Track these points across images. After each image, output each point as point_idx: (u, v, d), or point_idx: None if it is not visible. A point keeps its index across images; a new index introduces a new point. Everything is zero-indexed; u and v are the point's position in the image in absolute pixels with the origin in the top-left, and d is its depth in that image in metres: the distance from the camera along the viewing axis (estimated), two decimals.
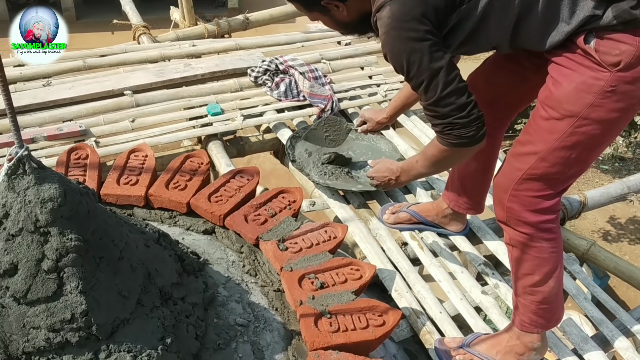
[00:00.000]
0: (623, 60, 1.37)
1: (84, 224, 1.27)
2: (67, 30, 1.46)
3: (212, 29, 3.75)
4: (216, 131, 2.73)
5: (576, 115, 1.44)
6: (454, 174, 2.09)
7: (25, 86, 2.92)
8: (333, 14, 1.58)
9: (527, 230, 1.62)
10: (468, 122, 1.54)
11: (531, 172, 1.55)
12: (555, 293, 1.72)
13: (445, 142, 1.60)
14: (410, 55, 1.46)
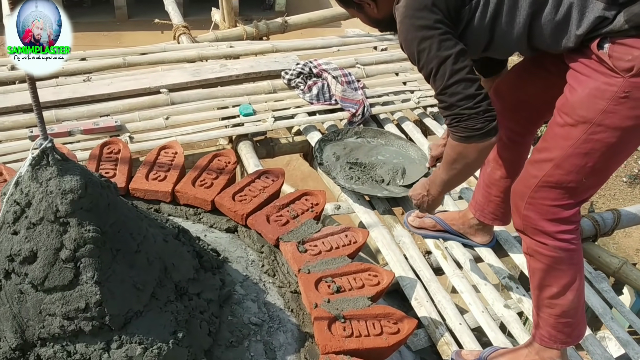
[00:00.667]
0: (636, 65, 1.35)
1: (103, 216, 1.30)
2: (119, 27, 1.36)
3: (251, 31, 3.79)
4: (247, 131, 2.76)
5: (589, 122, 1.43)
6: (480, 183, 2.06)
7: (67, 80, 3.01)
8: (366, 11, 1.62)
9: (545, 239, 1.59)
10: (475, 114, 1.50)
11: (547, 180, 1.53)
12: (575, 307, 1.67)
13: (455, 136, 1.56)
14: (421, 42, 1.48)
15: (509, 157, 1.91)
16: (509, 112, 1.79)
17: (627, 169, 13.44)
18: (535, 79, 1.75)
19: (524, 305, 2.08)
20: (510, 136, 1.87)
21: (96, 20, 17.10)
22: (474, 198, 2.11)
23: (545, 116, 1.82)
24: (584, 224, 2.48)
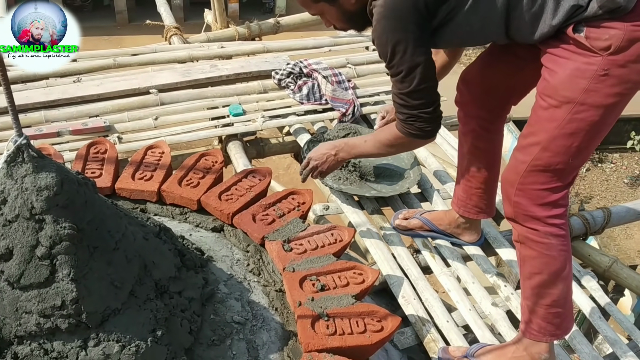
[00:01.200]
0: (613, 44, 1.39)
1: (80, 214, 1.29)
2: (120, 32, 1.34)
3: (243, 31, 3.79)
4: (236, 131, 2.76)
5: (573, 101, 1.46)
6: (459, 178, 2.06)
7: (57, 82, 3.00)
8: (341, 3, 1.61)
9: (535, 225, 1.61)
10: (431, 119, 1.67)
11: (535, 163, 1.56)
12: (564, 297, 1.69)
13: (405, 130, 1.70)
14: (396, 45, 1.54)
15: (484, 147, 1.94)
16: (478, 100, 1.85)
17: (627, 170, 13.50)
18: (503, 65, 1.78)
19: (511, 304, 2.07)
20: (482, 124, 1.89)
21: (97, 24, 17.19)
22: (455, 195, 2.11)
23: (514, 100, 1.88)
24: (574, 223, 2.48)
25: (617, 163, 13.85)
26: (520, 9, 1.49)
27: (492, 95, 1.84)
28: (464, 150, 1.98)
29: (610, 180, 13.48)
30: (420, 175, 2.52)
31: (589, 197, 12.86)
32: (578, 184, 13.00)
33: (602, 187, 13.28)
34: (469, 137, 1.92)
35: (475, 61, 1.87)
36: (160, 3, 4.12)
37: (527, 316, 1.74)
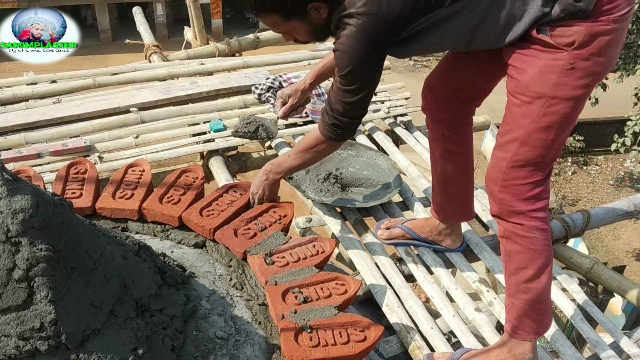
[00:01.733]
0: (577, 39, 1.47)
1: (57, 235, 1.29)
2: (104, 50, 1.41)
3: (223, 48, 3.82)
4: (217, 147, 2.77)
5: (545, 96, 1.53)
6: (435, 185, 2.09)
7: (37, 103, 3.00)
8: (312, 18, 1.63)
9: (520, 220, 1.66)
10: (353, 129, 1.81)
11: (516, 159, 1.61)
12: (546, 293, 1.74)
13: (327, 133, 1.81)
14: (357, 65, 1.61)
15: (455, 149, 1.98)
16: (444, 104, 1.91)
17: (612, 172, 13.65)
18: (464, 67, 1.83)
19: (494, 309, 2.09)
20: (451, 128, 1.94)
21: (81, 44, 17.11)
22: (433, 202, 2.13)
23: (478, 101, 1.93)
24: (554, 226, 2.50)
25: (602, 165, 14.01)
26: (487, 23, 1.54)
27: (457, 99, 1.89)
28: (436, 156, 2.01)
29: (596, 183, 13.64)
30: (401, 184, 2.54)
31: (576, 199, 12.98)
32: (565, 187, 13.15)
33: (588, 190, 13.42)
34: (440, 142, 1.96)
35: (438, 67, 1.92)
36: (140, 22, 4.14)
37: (513, 314, 1.76)
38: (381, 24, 1.54)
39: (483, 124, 3.24)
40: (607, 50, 1.50)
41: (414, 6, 1.53)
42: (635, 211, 2.62)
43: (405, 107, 3.16)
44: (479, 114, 3.19)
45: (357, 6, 1.54)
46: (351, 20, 1.55)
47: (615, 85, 9.42)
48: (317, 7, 1.60)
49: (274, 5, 1.60)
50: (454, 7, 1.53)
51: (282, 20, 1.64)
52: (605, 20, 1.46)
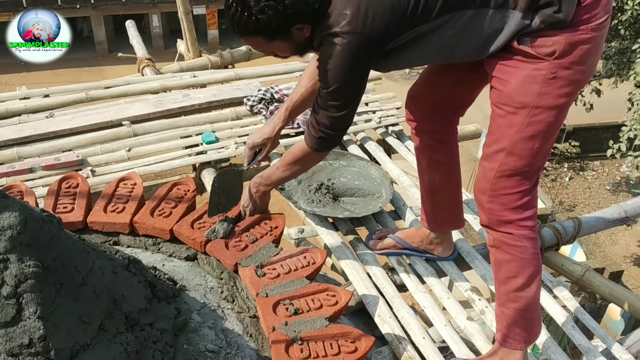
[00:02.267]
0: (557, 49, 1.49)
1: (45, 251, 1.30)
2: (100, 62, 1.47)
3: (216, 60, 3.84)
4: (209, 159, 2.78)
5: (528, 106, 1.55)
6: (423, 195, 2.10)
7: (29, 118, 3.01)
8: (295, 37, 1.63)
9: (509, 229, 1.68)
10: (337, 141, 1.82)
11: (503, 169, 1.63)
12: (536, 301, 1.76)
13: (313, 145, 1.81)
14: (342, 83, 1.62)
15: (442, 159, 2.00)
16: (427, 115, 1.93)
17: (609, 177, 13.68)
18: (446, 78, 1.85)
19: (486, 317, 2.09)
20: (436, 137, 1.96)
21: (77, 56, 17.28)
22: (423, 212, 2.14)
23: (461, 111, 1.95)
24: (546, 234, 2.51)
25: (599, 170, 14.05)
26: (468, 37, 1.56)
27: (440, 109, 1.91)
28: (422, 166, 2.03)
29: (592, 188, 13.68)
30: (393, 193, 2.55)
31: (573, 205, 13.01)
32: (561, 193, 13.18)
33: (585, 195, 13.45)
34: (426, 152, 1.98)
35: (420, 78, 1.94)
36: (133, 35, 4.16)
37: (503, 323, 1.78)
38: (366, 43, 1.55)
39: (474, 132, 3.26)
40: (587, 58, 1.53)
41: (399, 23, 1.54)
42: (626, 217, 2.63)
43: (396, 117, 3.18)
44: (469, 122, 3.23)
45: (341, 25, 1.53)
46: (336, 40, 1.55)
47: (610, 91, 9.48)
48: (300, 28, 1.61)
49: (257, 29, 1.58)
50: (436, 21, 1.54)
51: (266, 41, 1.64)
52: (585, 29, 1.48)
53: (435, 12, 1.52)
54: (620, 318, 8.15)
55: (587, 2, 1.48)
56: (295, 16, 1.55)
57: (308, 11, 1.55)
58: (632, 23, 8.38)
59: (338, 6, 1.54)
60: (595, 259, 9.62)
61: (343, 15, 1.53)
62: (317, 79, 1.88)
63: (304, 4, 1.54)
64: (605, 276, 6.74)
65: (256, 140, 2.07)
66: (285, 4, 1.52)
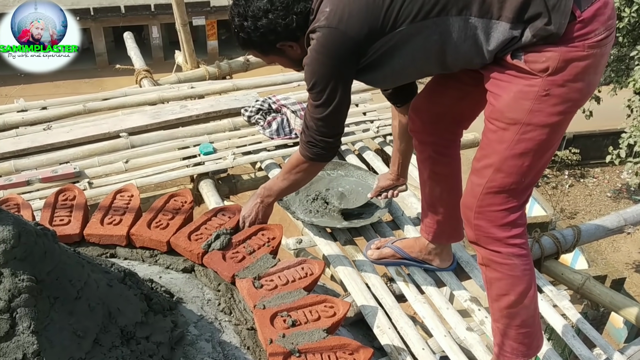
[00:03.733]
0: (550, 65, 1.46)
1: (39, 265, 1.29)
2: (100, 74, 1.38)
3: (213, 71, 3.84)
4: (207, 170, 2.78)
5: (519, 122, 1.52)
6: (424, 206, 2.09)
7: (27, 130, 3.01)
8: (288, 54, 1.70)
9: (498, 247, 1.65)
10: (328, 147, 1.81)
11: (490, 185, 1.61)
12: (533, 316, 1.73)
13: (304, 152, 1.83)
14: (321, 77, 1.65)
15: (442, 171, 1.99)
16: (429, 127, 1.91)
17: (610, 184, 13.66)
18: (449, 91, 1.83)
19: (486, 328, 2.08)
20: (438, 150, 1.95)
21: (77, 68, 17.35)
22: (422, 222, 2.13)
23: (464, 124, 1.94)
24: (545, 242, 2.51)
25: (599, 177, 14.03)
26: (453, 44, 1.55)
27: (442, 122, 1.89)
28: (424, 177, 2.01)
29: (593, 195, 13.65)
30: (391, 202, 2.54)
31: (574, 212, 12.98)
32: (562, 200, 13.17)
33: (586, 202, 13.42)
34: (427, 163, 1.96)
35: (423, 90, 1.92)
36: (131, 47, 4.17)
37: (499, 339, 1.77)
38: (341, 39, 1.57)
39: (473, 141, 3.25)
40: (583, 76, 1.48)
41: (373, 24, 1.55)
42: (626, 225, 2.62)
43: None
44: (470, 130, 3.22)
45: (320, 20, 1.59)
46: (314, 35, 1.60)
47: (609, 98, 9.48)
48: (289, 45, 1.68)
49: (247, 43, 1.73)
50: (415, 26, 1.53)
51: (262, 54, 1.76)
52: (581, 45, 1.44)
53: (411, 17, 1.52)
54: (624, 326, 8.10)
55: (583, 17, 1.43)
56: (270, 35, 1.66)
57: (282, 31, 1.66)
58: (629, 30, 8.40)
59: (321, 8, 1.61)
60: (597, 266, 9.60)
61: (323, 13, 1.59)
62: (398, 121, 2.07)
63: (275, 25, 1.64)
64: (608, 283, 6.71)
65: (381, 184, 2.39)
66: (258, 25, 1.65)
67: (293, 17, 1.65)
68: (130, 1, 17.17)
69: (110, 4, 17.05)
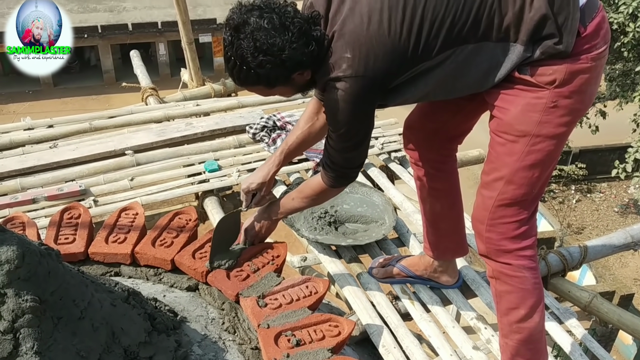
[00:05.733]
0: (557, 77, 1.49)
1: (43, 285, 1.29)
2: (107, 90, 1.39)
3: (219, 88, 3.87)
4: (212, 187, 2.78)
5: (529, 134, 1.54)
6: (425, 223, 2.08)
7: (33, 148, 3.03)
8: (297, 81, 1.62)
9: (508, 259, 1.65)
10: (353, 175, 1.80)
11: (502, 198, 1.62)
12: (540, 331, 1.72)
13: (330, 182, 1.79)
14: (349, 125, 1.61)
15: (442, 187, 1.98)
16: (425, 143, 1.91)
17: (617, 198, 13.60)
18: (444, 106, 1.83)
19: (492, 346, 2.06)
20: (434, 166, 1.94)
21: (85, 84, 17.49)
22: (426, 241, 2.12)
23: (459, 139, 1.94)
24: (552, 260, 2.48)
25: (606, 192, 13.97)
26: (469, 70, 1.55)
27: (437, 138, 1.89)
28: (423, 195, 2.01)
29: (600, 210, 13.58)
30: (396, 220, 2.53)
31: (581, 227, 12.90)
32: (569, 215, 13.10)
33: (593, 217, 13.35)
34: (425, 180, 1.96)
35: (416, 107, 1.93)
36: (137, 65, 4.21)
37: (507, 355, 1.76)
38: (369, 85, 1.52)
39: (477, 157, 3.25)
40: (587, 87, 1.52)
41: (401, 63, 1.52)
42: (633, 242, 2.60)
43: (399, 143, 3.17)
44: (472, 147, 3.22)
45: (342, 69, 1.51)
46: (339, 84, 1.53)
47: (615, 113, 9.48)
48: (301, 73, 1.58)
49: (257, 80, 1.57)
50: (438, 58, 1.52)
51: (267, 88, 1.62)
52: (585, 58, 1.48)
53: (436, 50, 1.51)
54: (633, 342, 8.02)
55: (586, 33, 1.48)
56: (293, 67, 1.54)
57: (306, 60, 1.53)
58: (634, 45, 8.41)
59: (338, 50, 1.52)
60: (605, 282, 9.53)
61: (344, 59, 1.51)
62: (313, 122, 1.93)
63: (301, 55, 1.51)
64: (616, 299, 6.66)
65: (251, 186, 2.04)
66: (283, 57, 1.50)
67: (314, 44, 1.52)
68: (138, 19, 17.35)
69: (118, 22, 17.25)
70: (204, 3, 17.20)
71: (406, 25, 1.48)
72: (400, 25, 1.48)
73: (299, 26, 1.50)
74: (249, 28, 1.48)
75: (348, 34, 1.50)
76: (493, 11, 1.47)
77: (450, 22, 1.48)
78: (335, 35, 1.53)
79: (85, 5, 17.73)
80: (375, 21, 1.48)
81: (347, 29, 1.51)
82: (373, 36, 1.49)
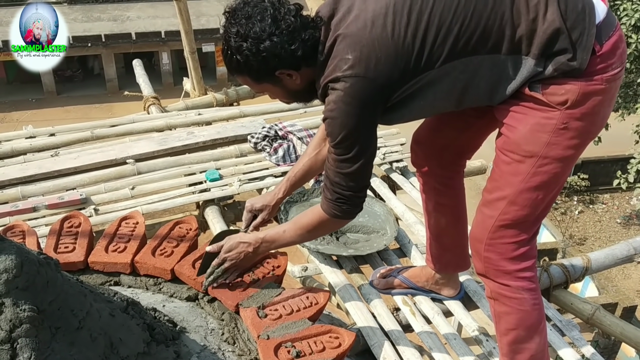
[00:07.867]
0: (569, 98, 1.44)
1: (41, 295, 1.28)
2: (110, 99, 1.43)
3: (221, 98, 3.87)
4: (213, 196, 2.77)
5: (536, 155, 1.50)
6: (429, 237, 2.07)
7: (34, 157, 3.03)
8: (285, 83, 1.57)
9: (507, 280, 1.62)
10: (358, 202, 1.65)
11: (503, 218, 1.58)
12: (542, 351, 1.69)
13: (331, 211, 1.66)
14: (350, 131, 1.51)
15: (447, 202, 1.96)
16: (432, 158, 1.88)
17: (619, 210, 13.57)
18: (452, 122, 1.80)
19: (494, 359, 2.04)
20: (441, 181, 1.92)
21: (88, 93, 17.56)
22: (428, 253, 2.10)
23: (467, 155, 1.91)
24: (554, 272, 2.47)
25: (609, 203, 13.95)
26: (477, 83, 1.50)
27: (445, 154, 1.86)
28: (429, 208, 1.99)
29: (603, 221, 13.55)
30: (397, 230, 2.52)
31: (584, 238, 12.87)
32: (572, 226, 13.07)
33: (595, 229, 13.32)
34: (431, 194, 1.94)
35: (425, 122, 1.89)
36: (139, 74, 4.22)
37: None
38: (371, 87, 1.46)
39: (480, 168, 3.24)
40: (599, 109, 1.47)
41: (404, 69, 1.46)
42: (636, 254, 2.59)
43: (400, 153, 3.17)
44: (475, 158, 3.21)
45: (343, 69, 1.46)
46: (338, 85, 1.47)
47: (618, 124, 9.48)
48: (288, 74, 1.54)
49: (240, 68, 1.54)
50: (444, 68, 1.47)
51: (253, 81, 1.59)
52: (599, 79, 1.43)
53: (442, 59, 1.45)
54: (635, 355, 7.97)
55: (603, 51, 1.43)
56: (272, 60, 1.49)
57: (286, 57, 1.49)
58: (636, 56, 8.43)
59: (340, 53, 1.47)
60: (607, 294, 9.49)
61: (345, 60, 1.46)
62: (321, 148, 1.84)
63: (280, 49, 1.47)
64: (619, 311, 6.62)
65: (255, 205, 1.98)
66: (260, 47, 1.47)
67: (299, 44, 1.48)
68: (141, 28, 17.45)
69: (122, 31, 17.34)
70: (207, 13, 17.28)
71: (411, 30, 1.43)
72: (405, 28, 1.43)
73: (289, 23, 1.48)
74: (241, 14, 1.49)
75: (350, 37, 1.46)
76: (505, 22, 1.42)
77: (458, 30, 1.43)
78: (338, 38, 1.49)
79: (90, 14, 17.85)
80: (379, 25, 1.44)
81: (350, 32, 1.47)
82: (375, 38, 1.44)
